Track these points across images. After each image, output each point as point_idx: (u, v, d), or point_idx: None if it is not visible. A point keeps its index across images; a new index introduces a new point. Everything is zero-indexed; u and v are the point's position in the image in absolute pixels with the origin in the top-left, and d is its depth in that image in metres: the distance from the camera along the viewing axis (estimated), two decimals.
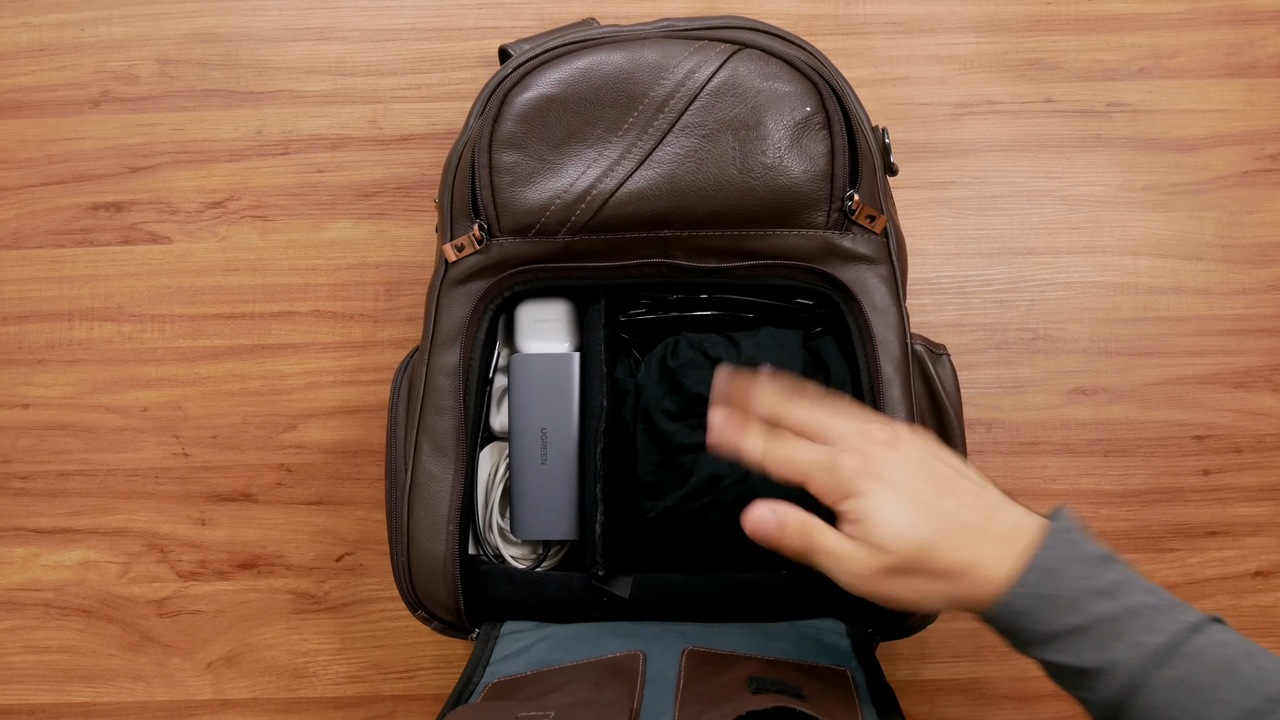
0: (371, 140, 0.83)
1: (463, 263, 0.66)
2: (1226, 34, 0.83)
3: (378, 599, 0.80)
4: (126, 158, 0.83)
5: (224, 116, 0.83)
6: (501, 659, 0.62)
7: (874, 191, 0.65)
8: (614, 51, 0.64)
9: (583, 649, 0.61)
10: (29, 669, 0.80)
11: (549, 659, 0.61)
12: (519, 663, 0.61)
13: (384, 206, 0.82)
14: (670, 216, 0.64)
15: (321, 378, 0.81)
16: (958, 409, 0.68)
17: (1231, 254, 0.82)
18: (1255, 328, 0.81)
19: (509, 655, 0.62)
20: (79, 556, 0.80)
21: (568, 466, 0.68)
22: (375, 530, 0.80)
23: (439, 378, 0.66)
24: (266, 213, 0.82)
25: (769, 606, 0.66)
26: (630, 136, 0.64)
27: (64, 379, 0.81)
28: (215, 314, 0.82)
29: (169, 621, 0.80)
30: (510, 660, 0.62)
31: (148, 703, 0.79)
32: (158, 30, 0.83)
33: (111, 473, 0.81)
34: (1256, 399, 0.81)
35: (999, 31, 0.83)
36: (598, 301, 0.68)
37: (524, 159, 0.64)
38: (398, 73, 0.83)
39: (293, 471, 0.80)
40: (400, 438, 0.68)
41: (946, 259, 0.82)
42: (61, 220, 0.82)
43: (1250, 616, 0.79)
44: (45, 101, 0.83)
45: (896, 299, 0.66)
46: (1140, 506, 0.80)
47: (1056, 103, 0.83)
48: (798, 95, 0.63)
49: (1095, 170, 0.82)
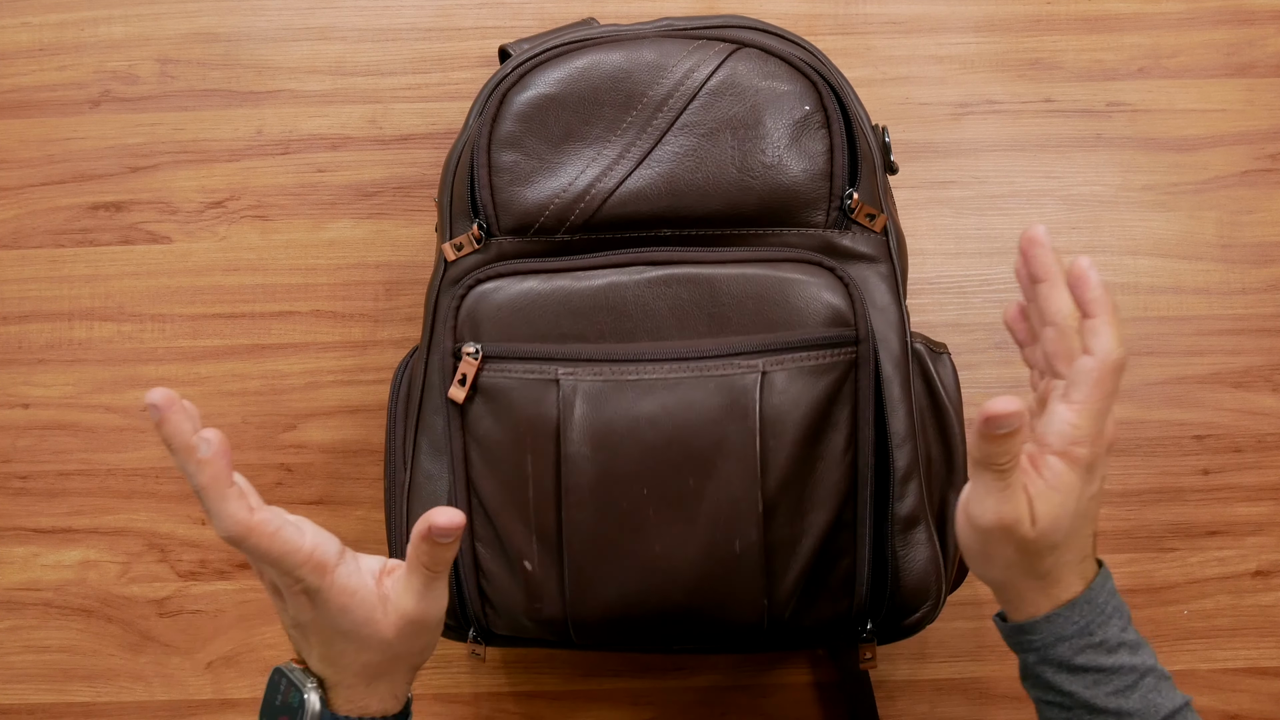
0: (371, 140, 0.83)
1: (462, 262, 0.65)
2: (1226, 34, 0.83)
3: None
4: (126, 158, 0.83)
5: (224, 116, 0.83)
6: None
7: (873, 190, 0.65)
8: (613, 51, 0.64)
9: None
10: (29, 669, 0.80)
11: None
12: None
13: (384, 206, 0.82)
14: (669, 215, 0.64)
15: (321, 377, 0.81)
16: (958, 408, 0.68)
17: (1231, 254, 0.82)
18: (1255, 328, 0.81)
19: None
20: (79, 556, 0.80)
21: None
22: (375, 530, 0.80)
23: (438, 377, 0.66)
24: (266, 213, 0.82)
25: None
26: (629, 136, 0.64)
27: (64, 379, 0.81)
28: (215, 314, 0.82)
29: (169, 621, 0.80)
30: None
31: (148, 703, 0.79)
32: (158, 30, 0.83)
33: (111, 473, 0.81)
34: (1256, 399, 0.80)
35: (999, 31, 0.83)
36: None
37: (523, 158, 0.64)
38: (398, 73, 0.83)
39: (293, 471, 0.80)
40: (399, 437, 0.68)
41: (946, 259, 0.82)
42: (61, 220, 0.82)
43: (1250, 616, 0.79)
44: (45, 101, 0.83)
45: (896, 297, 0.66)
46: (1140, 506, 0.80)
47: (1056, 103, 0.83)
48: (797, 94, 0.63)
49: (1095, 170, 0.82)
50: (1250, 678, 0.79)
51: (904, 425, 0.64)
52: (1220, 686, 0.79)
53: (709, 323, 0.62)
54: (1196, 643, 0.79)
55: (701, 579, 0.62)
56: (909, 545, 0.64)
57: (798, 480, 0.62)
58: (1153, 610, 0.79)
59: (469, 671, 0.80)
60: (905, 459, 0.64)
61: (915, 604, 0.64)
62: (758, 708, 0.79)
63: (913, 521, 0.64)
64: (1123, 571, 0.79)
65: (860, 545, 0.63)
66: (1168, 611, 0.79)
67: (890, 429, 0.64)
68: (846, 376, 0.62)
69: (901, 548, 0.64)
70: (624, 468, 0.62)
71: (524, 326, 0.63)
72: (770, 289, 0.62)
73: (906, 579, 0.64)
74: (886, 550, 0.64)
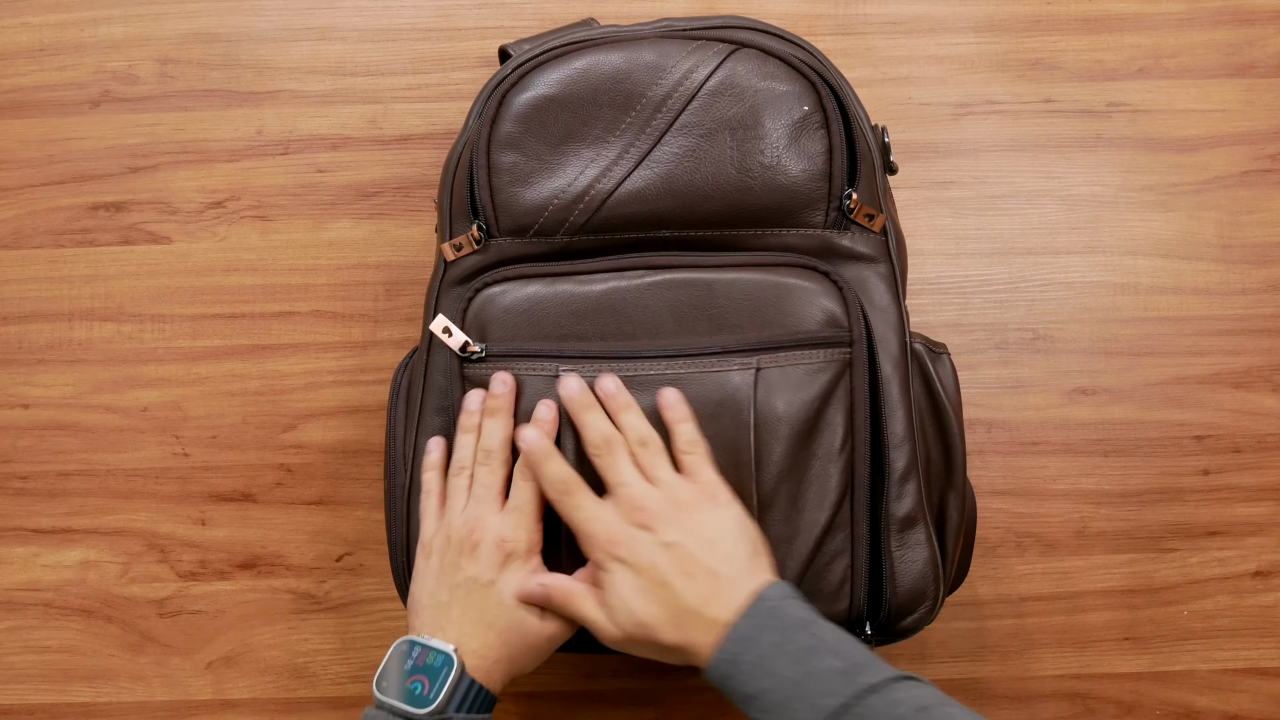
0: (371, 140, 0.83)
1: (461, 262, 0.66)
2: (1226, 34, 0.83)
3: (378, 599, 0.80)
4: (126, 158, 0.83)
5: (224, 116, 0.83)
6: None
7: (873, 190, 0.65)
8: (612, 52, 0.64)
9: None
10: (29, 669, 0.80)
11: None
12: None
13: (384, 206, 0.82)
14: (668, 216, 0.64)
15: (321, 378, 0.81)
16: (957, 409, 0.68)
17: (1231, 254, 0.82)
18: (1255, 328, 0.81)
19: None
20: (79, 556, 0.80)
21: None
22: (375, 530, 0.80)
23: (438, 377, 0.66)
24: (266, 213, 0.82)
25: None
26: (628, 136, 0.64)
27: (64, 379, 0.81)
28: (215, 314, 0.82)
29: (169, 621, 0.80)
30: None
31: (148, 703, 0.79)
32: (158, 30, 0.83)
33: (111, 473, 0.81)
34: (1256, 399, 0.80)
35: (999, 31, 0.83)
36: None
37: (522, 159, 0.64)
38: (398, 73, 0.83)
39: (293, 471, 0.80)
40: (400, 437, 0.68)
41: (946, 259, 0.82)
42: (61, 220, 0.82)
43: (1250, 616, 0.79)
44: (45, 101, 0.83)
45: (896, 298, 0.66)
46: (1140, 506, 0.80)
47: (1056, 103, 0.83)
48: (795, 94, 0.63)
49: (1095, 170, 0.82)
50: (1250, 678, 0.79)
51: (903, 426, 0.64)
52: (1220, 687, 0.79)
53: (707, 323, 0.63)
54: (1196, 643, 0.79)
55: None
56: (907, 546, 0.64)
57: (792, 478, 0.62)
58: (1153, 610, 0.79)
59: None
60: (904, 459, 0.64)
61: (913, 605, 0.64)
62: None
63: (911, 522, 0.64)
64: (1123, 571, 0.79)
65: (857, 546, 0.63)
66: (1168, 612, 0.79)
67: (889, 429, 0.64)
68: (841, 377, 0.63)
69: (899, 548, 0.64)
70: None
71: (528, 328, 0.64)
72: (767, 292, 0.63)
73: (904, 580, 0.64)
74: (884, 551, 0.64)
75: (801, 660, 0.53)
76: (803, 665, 0.53)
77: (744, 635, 0.55)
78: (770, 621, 0.55)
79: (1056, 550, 0.80)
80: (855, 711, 0.51)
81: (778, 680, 0.53)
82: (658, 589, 0.57)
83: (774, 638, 0.54)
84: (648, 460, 0.61)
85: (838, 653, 0.54)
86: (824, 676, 0.53)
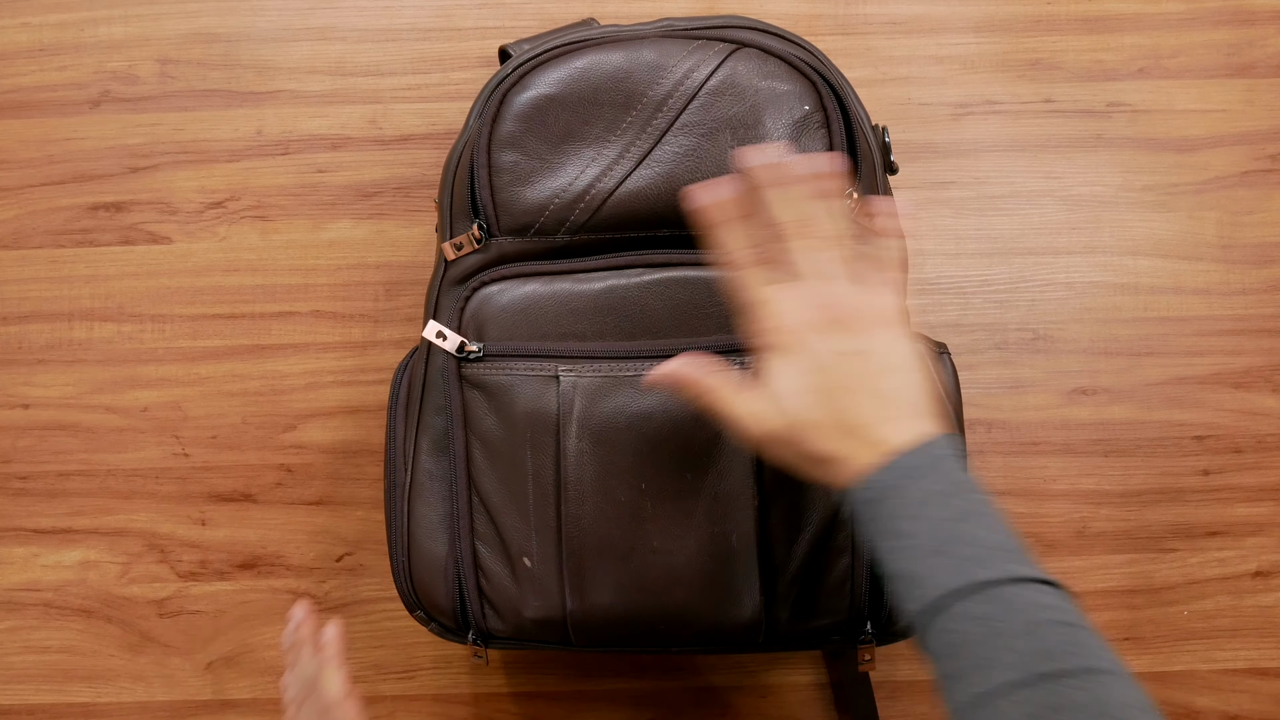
0: (371, 140, 0.83)
1: (461, 262, 0.66)
2: (1226, 34, 0.83)
3: (378, 599, 0.80)
4: (126, 158, 0.83)
5: (224, 116, 0.83)
6: None
7: (873, 190, 0.65)
8: (613, 51, 0.64)
9: None
10: (29, 669, 0.80)
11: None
12: None
13: (384, 206, 0.82)
14: (668, 215, 0.64)
15: (321, 378, 0.81)
16: (957, 408, 0.68)
17: (1231, 254, 0.82)
18: (1255, 328, 0.81)
19: None
20: (79, 556, 0.80)
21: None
22: (375, 530, 0.80)
23: (438, 377, 0.66)
24: (266, 213, 0.82)
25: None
26: (628, 136, 0.64)
27: (64, 379, 0.81)
28: (215, 314, 0.82)
29: (169, 621, 0.80)
30: None
31: (148, 703, 0.79)
32: (158, 30, 0.83)
33: (111, 473, 0.81)
34: (1256, 399, 0.80)
35: (999, 31, 0.83)
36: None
37: (523, 159, 0.64)
38: (398, 73, 0.83)
39: (293, 471, 0.80)
40: (400, 437, 0.68)
41: (946, 259, 0.82)
42: (61, 220, 0.82)
43: (1250, 616, 0.79)
44: (45, 101, 0.83)
45: None
46: (1140, 506, 0.80)
47: (1056, 103, 0.83)
48: (796, 94, 0.63)
49: (1095, 170, 0.82)
50: (1250, 678, 0.79)
51: None
52: (1220, 687, 0.79)
53: (706, 322, 0.63)
54: (1196, 643, 0.79)
55: (699, 573, 0.62)
56: None
57: (793, 477, 0.62)
58: (1153, 611, 0.79)
59: (469, 672, 0.80)
60: None
61: None
62: (758, 708, 0.79)
63: None
64: (1123, 572, 0.79)
65: (859, 544, 0.63)
66: (1168, 612, 0.79)
67: None
68: None
69: None
70: (622, 462, 0.62)
71: (526, 327, 0.64)
72: None
73: None
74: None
75: (960, 520, 0.49)
76: (960, 525, 0.49)
77: (911, 468, 0.50)
78: (940, 467, 0.51)
79: (1057, 550, 0.80)
80: (996, 593, 0.47)
81: (931, 526, 0.49)
82: (834, 392, 0.52)
83: (939, 485, 0.50)
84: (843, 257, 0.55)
85: (996, 528, 0.50)
86: (974, 543, 0.49)
